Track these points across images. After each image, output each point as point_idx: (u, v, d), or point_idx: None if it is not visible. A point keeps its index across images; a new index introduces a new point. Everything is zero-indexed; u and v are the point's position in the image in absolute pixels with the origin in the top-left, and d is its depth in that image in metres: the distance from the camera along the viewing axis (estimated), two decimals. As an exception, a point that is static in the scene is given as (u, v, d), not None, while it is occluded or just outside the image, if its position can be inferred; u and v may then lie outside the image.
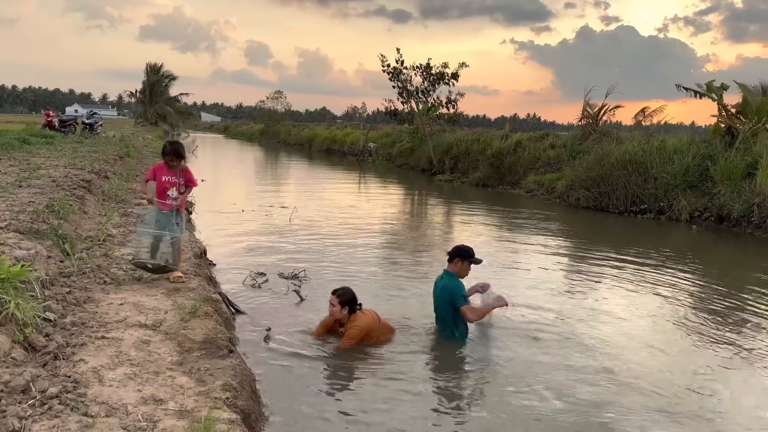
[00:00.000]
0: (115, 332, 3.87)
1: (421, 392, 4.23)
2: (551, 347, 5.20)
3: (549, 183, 17.74)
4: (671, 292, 7.38)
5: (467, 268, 5.34)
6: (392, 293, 6.77)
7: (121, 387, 3.15)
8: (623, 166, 14.61)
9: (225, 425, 2.81)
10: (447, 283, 5.26)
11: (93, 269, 5.08)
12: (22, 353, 3.25)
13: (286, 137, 55.41)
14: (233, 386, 3.33)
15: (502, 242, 10.58)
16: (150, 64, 48.84)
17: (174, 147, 5.22)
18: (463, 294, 5.21)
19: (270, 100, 64.27)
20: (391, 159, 30.79)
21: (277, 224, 11.01)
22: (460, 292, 5.20)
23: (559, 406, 4.08)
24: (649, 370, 4.82)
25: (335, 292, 5.08)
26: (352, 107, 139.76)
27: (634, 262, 8.97)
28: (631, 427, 3.84)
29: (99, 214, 7.67)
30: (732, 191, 12.67)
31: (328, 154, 40.91)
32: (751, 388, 4.68)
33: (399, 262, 8.57)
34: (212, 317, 4.38)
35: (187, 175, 5.30)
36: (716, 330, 5.93)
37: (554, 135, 21.96)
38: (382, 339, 5.07)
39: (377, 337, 5.03)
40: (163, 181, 5.17)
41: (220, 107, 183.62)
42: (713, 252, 11.10)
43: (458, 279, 5.30)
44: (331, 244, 9.38)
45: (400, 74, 25.97)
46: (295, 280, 7.02)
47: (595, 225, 13.60)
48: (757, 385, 4.74)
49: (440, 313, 5.32)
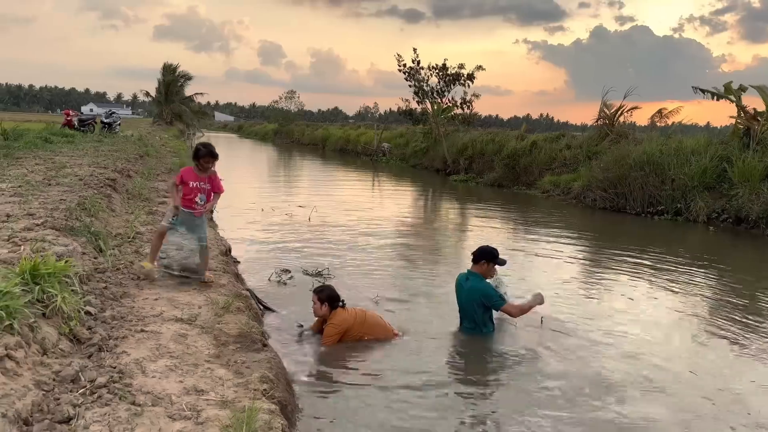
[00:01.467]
0: (153, 326, 4.00)
1: (443, 386, 4.32)
2: (571, 347, 5.24)
3: (565, 184, 17.73)
4: (689, 292, 7.41)
5: (493, 269, 5.44)
6: (411, 291, 6.85)
7: (164, 378, 3.27)
8: (641, 167, 14.58)
9: (266, 415, 2.92)
10: (475, 285, 5.34)
11: (126, 265, 5.23)
12: (68, 345, 3.39)
13: (299, 137, 55.69)
14: (270, 378, 3.45)
15: (519, 243, 10.62)
16: (166, 64, 49.31)
17: (209, 149, 5.22)
18: (498, 295, 5.34)
19: (283, 100, 64.66)
20: (405, 159, 30.87)
21: (297, 223, 11.14)
22: (494, 294, 5.32)
23: (576, 405, 4.11)
24: (672, 372, 4.83)
25: (315, 290, 5.17)
26: (365, 107, 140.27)
27: (652, 263, 8.99)
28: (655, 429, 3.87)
29: (126, 212, 7.83)
30: (750, 193, 12.62)
31: (342, 153, 41.07)
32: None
33: (417, 260, 8.65)
34: (244, 312, 4.51)
35: (215, 181, 5.32)
36: (736, 330, 5.95)
37: (570, 135, 21.91)
38: (368, 338, 5.02)
39: (361, 335, 4.99)
40: (191, 187, 5.17)
41: (233, 107, 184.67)
42: (731, 253, 11.08)
43: (485, 280, 5.39)
44: (351, 243, 9.49)
45: (417, 74, 26.04)
46: (319, 277, 7.15)
47: (612, 226, 13.60)
48: None
49: (468, 313, 5.38)
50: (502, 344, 5.27)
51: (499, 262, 5.43)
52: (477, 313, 5.31)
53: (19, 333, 3.01)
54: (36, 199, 6.52)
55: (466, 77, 25.58)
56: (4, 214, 5.57)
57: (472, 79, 25.66)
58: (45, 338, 3.22)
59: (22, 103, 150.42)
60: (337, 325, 4.94)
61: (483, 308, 5.30)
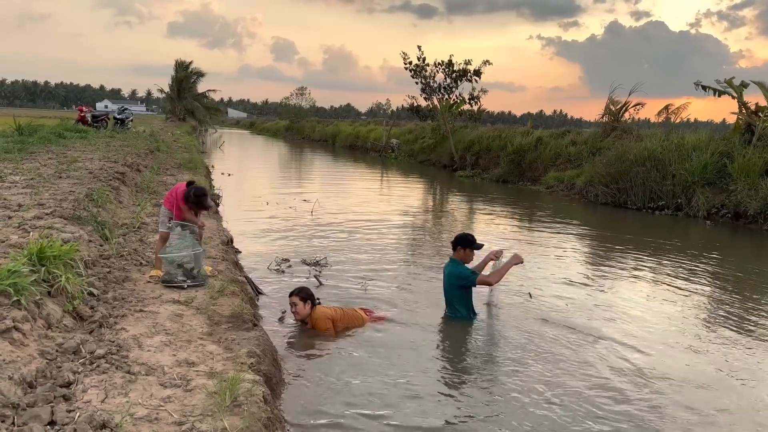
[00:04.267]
0: (151, 307, 4.30)
1: (424, 367, 4.56)
2: (565, 338, 5.32)
3: (569, 179, 17.88)
4: (689, 287, 7.49)
5: (470, 254, 5.68)
6: (408, 282, 7.09)
7: (158, 352, 3.57)
8: (642, 162, 14.73)
9: (249, 384, 3.19)
10: (452, 270, 5.63)
11: (130, 252, 5.54)
12: (71, 321, 3.69)
13: (310, 133, 56.09)
14: (257, 353, 3.73)
15: (522, 237, 10.81)
16: (178, 61, 49.85)
17: (200, 200, 5.04)
18: (469, 272, 5.58)
19: (295, 97, 65.11)
20: (414, 155, 31.10)
21: (300, 216, 11.44)
22: (465, 273, 5.57)
23: (561, 396, 4.16)
24: (666, 363, 4.86)
25: (293, 293, 5.21)
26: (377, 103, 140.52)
27: (653, 258, 9.15)
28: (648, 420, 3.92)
29: (133, 204, 8.17)
30: (749, 188, 12.73)
31: (352, 150, 41.38)
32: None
33: (417, 253, 8.90)
34: (238, 296, 4.80)
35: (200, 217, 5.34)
36: (735, 324, 6.03)
37: (575, 132, 22.04)
38: (348, 330, 5.20)
39: (343, 328, 5.17)
40: (181, 210, 5.14)
41: (246, 103, 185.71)
42: (730, 248, 11.19)
43: (463, 265, 5.65)
44: (353, 235, 9.76)
45: (422, 71, 26.25)
46: (317, 266, 7.43)
47: (613, 221, 13.75)
48: None
49: (448, 297, 5.69)
50: (480, 329, 5.49)
51: (475, 247, 5.65)
52: (455, 297, 5.59)
53: (26, 308, 3.31)
54: (47, 190, 6.85)
55: (472, 73, 25.74)
56: (16, 204, 5.90)
57: (479, 75, 25.83)
58: (50, 314, 3.52)
59: (38, 100, 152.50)
60: (327, 317, 5.15)
61: (460, 291, 5.58)
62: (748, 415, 4.08)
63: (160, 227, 5.30)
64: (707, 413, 4.04)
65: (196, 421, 2.78)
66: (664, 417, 3.96)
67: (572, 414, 3.90)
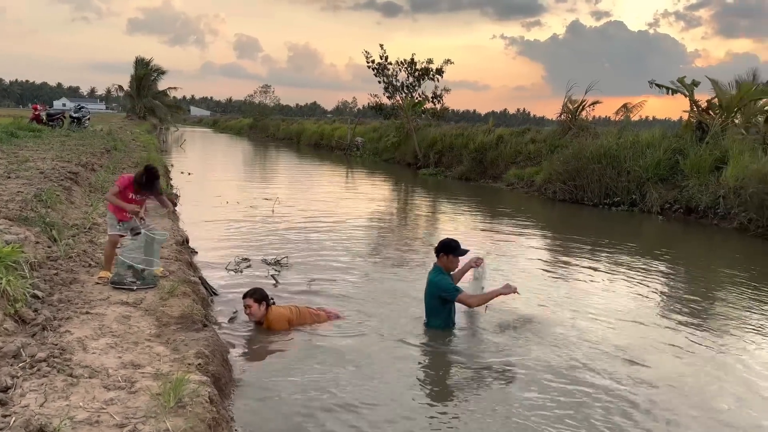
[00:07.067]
0: (98, 309, 4.23)
1: (378, 367, 4.55)
2: (533, 338, 5.28)
3: (528, 177, 18.19)
4: (645, 281, 7.65)
5: (453, 261, 5.41)
6: (369, 281, 7.10)
7: (103, 354, 3.52)
8: (598, 159, 15.08)
9: (195, 385, 3.18)
10: (432, 278, 5.37)
11: (79, 254, 5.43)
12: (13, 325, 3.61)
13: (274, 132, 55.62)
14: (205, 354, 3.71)
15: (483, 235, 10.91)
16: (138, 58, 48.76)
17: (152, 184, 4.98)
18: (452, 287, 5.28)
19: (259, 94, 64.43)
20: (378, 153, 31.15)
21: (262, 215, 11.36)
22: (447, 286, 5.27)
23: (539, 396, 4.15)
24: (633, 359, 4.90)
25: (246, 295, 5.13)
26: (343, 102, 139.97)
27: (609, 253, 9.36)
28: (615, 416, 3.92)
29: (85, 205, 7.99)
30: (700, 184, 13.16)
31: (316, 148, 41.24)
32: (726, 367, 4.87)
33: (380, 252, 8.90)
34: (189, 297, 4.75)
35: (160, 199, 5.31)
36: (688, 315, 6.21)
37: (535, 130, 22.42)
38: (305, 328, 5.18)
39: (298, 325, 5.16)
40: (130, 198, 5.07)
41: (209, 101, 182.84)
42: (682, 242, 11.56)
43: (444, 274, 5.38)
44: (315, 234, 9.73)
45: (385, 70, 26.33)
46: (277, 266, 7.39)
47: (570, 217, 14.05)
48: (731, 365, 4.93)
49: (428, 306, 5.41)
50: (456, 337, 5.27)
51: (459, 253, 5.41)
52: (432, 307, 5.34)
53: (-37, 312, 3.23)
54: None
55: (435, 72, 25.92)
56: (-42, 205, 5.72)
57: (441, 74, 26.01)
58: (-11, 318, 3.43)
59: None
60: (284, 318, 5.12)
61: (438, 301, 5.30)
62: (710, 413, 4.09)
63: (109, 230, 5.18)
64: (673, 410, 4.04)
65: (139, 423, 2.76)
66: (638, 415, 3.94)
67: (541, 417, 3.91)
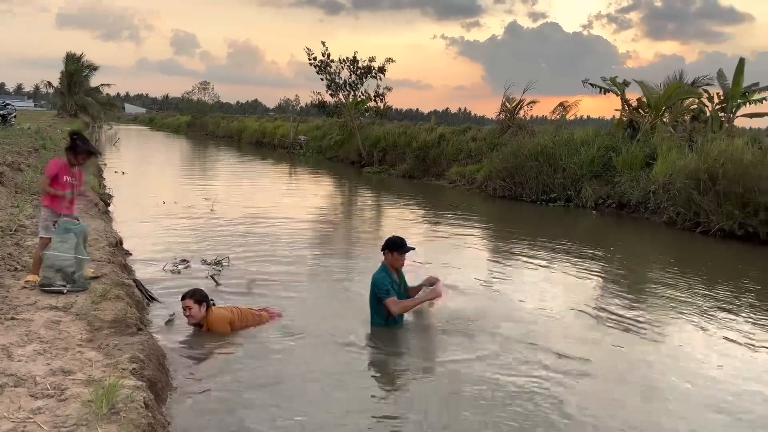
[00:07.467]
0: (25, 314, 4.03)
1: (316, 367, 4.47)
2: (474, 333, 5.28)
3: (470, 174, 18.52)
4: (580, 273, 7.91)
5: (398, 258, 5.38)
6: (316, 280, 7.05)
7: (30, 361, 3.36)
8: (535, 157, 15.52)
9: (129, 390, 3.07)
10: (374, 276, 5.36)
11: (4, 257, 5.17)
12: (-71, 334, 3.39)
13: (214, 129, 54.39)
14: (140, 359, 3.59)
15: (425, 232, 11.02)
16: (69, 54, 46.67)
17: (88, 148, 4.91)
18: (385, 288, 5.24)
19: (197, 91, 62.77)
20: (322, 152, 30.96)
21: (201, 215, 11.11)
22: (382, 286, 5.24)
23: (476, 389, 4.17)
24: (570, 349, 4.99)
25: (185, 296, 4.97)
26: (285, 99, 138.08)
27: (547, 247, 9.62)
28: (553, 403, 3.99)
29: (11, 206, 7.60)
30: (631, 180, 13.76)
31: (258, 146, 40.61)
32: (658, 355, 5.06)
33: (324, 251, 8.80)
34: (123, 300, 4.60)
35: (82, 176, 5.12)
36: (623, 307, 6.40)
37: (476, 129, 22.85)
38: (247, 329, 5.08)
39: (241, 327, 5.04)
40: (63, 182, 4.90)
41: (145, 98, 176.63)
42: (615, 236, 12.03)
43: (385, 272, 5.35)
44: (257, 234, 9.57)
45: (327, 67, 26.19)
46: (218, 266, 7.23)
47: (510, 213, 14.40)
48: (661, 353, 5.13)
49: (370, 303, 5.38)
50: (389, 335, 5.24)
51: (404, 251, 5.39)
52: (372, 305, 5.32)
53: None
54: None
55: (377, 70, 25.96)
56: None
57: (383, 72, 26.06)
58: None
59: None
60: (225, 319, 4.99)
61: (375, 300, 5.29)
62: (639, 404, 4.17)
63: (42, 232, 4.90)
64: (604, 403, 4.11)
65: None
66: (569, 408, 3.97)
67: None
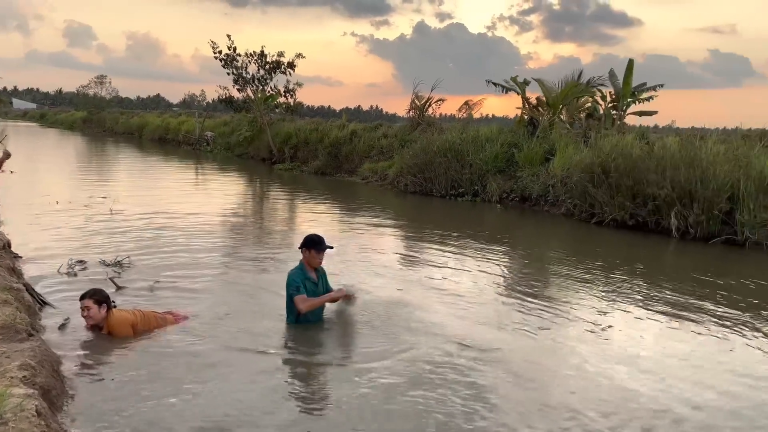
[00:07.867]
0: None
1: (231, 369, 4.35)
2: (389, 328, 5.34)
3: (382, 170, 18.71)
4: (487, 263, 8.21)
5: (315, 256, 5.34)
6: (226, 279, 6.85)
7: None
8: (444, 153, 15.94)
9: (19, 399, 2.87)
10: (290, 273, 5.31)
11: None
12: None
13: (112, 126, 51.50)
14: (31, 366, 3.36)
15: (338, 228, 11.01)
16: (-57, 41, 42.63)
17: None
18: (296, 285, 5.21)
19: (94, 85, 59.16)
20: (230, 148, 30.17)
21: (99, 214, 10.52)
22: (293, 284, 5.21)
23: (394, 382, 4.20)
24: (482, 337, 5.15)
25: (84, 296, 4.76)
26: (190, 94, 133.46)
27: (456, 240, 9.92)
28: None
29: None
30: (532, 175, 14.45)
31: (161, 143, 38.93)
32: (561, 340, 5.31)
33: (232, 250, 8.55)
34: (12, 305, 4.28)
35: None
36: (527, 292, 6.72)
37: (387, 125, 23.11)
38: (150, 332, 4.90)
39: (144, 330, 4.86)
40: None
41: (35, 93, 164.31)
42: (518, 228, 12.61)
43: (301, 270, 5.31)
44: (161, 233, 9.17)
45: (234, 61, 25.53)
46: (118, 267, 6.88)
47: (421, 208, 14.72)
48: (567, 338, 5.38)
49: (286, 301, 5.33)
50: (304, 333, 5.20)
51: (321, 249, 5.35)
52: (288, 303, 5.27)
53: None
54: None
55: (286, 65, 25.62)
56: None
57: (293, 68, 25.76)
58: None
59: None
60: (128, 322, 4.76)
61: (289, 296, 5.25)
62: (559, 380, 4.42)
63: None
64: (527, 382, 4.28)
65: (-52, 448, 2.43)
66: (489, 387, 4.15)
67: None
